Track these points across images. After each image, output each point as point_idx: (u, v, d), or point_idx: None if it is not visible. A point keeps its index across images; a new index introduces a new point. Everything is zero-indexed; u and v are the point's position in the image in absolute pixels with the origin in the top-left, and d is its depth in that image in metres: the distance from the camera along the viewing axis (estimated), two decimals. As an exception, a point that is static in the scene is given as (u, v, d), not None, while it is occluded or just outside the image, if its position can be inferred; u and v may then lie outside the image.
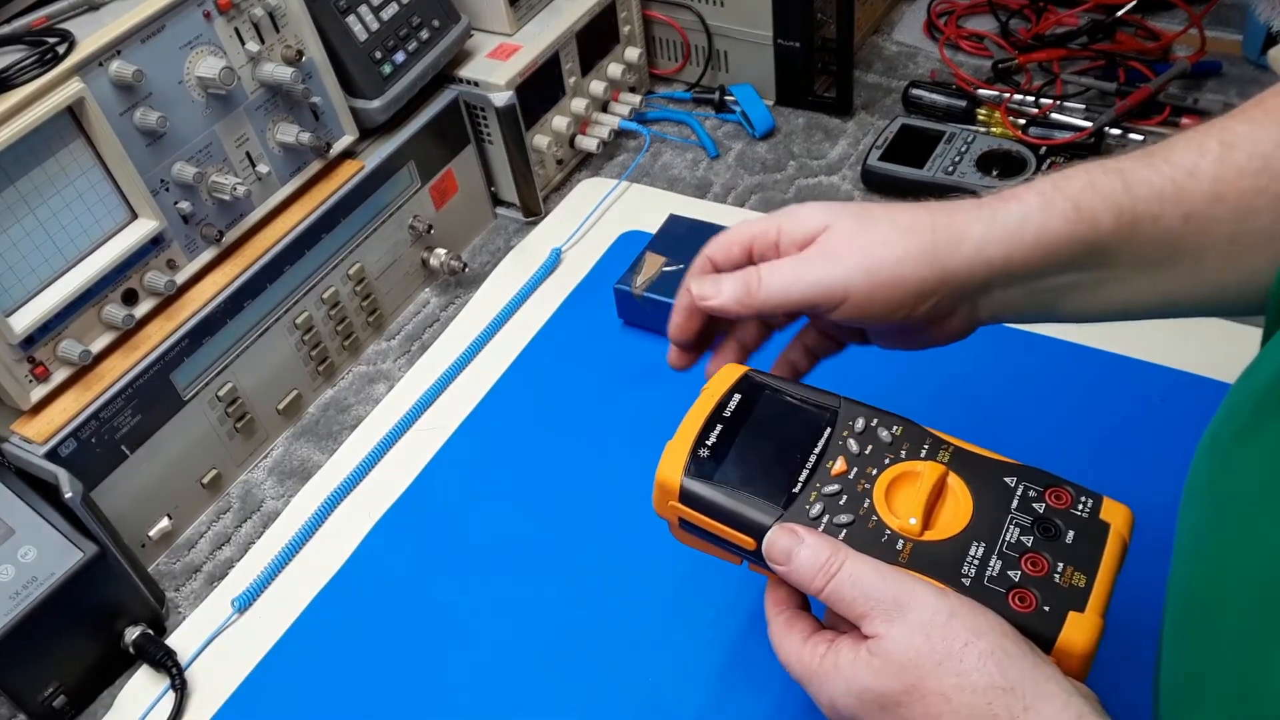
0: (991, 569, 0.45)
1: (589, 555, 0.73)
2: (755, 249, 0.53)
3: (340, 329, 0.92)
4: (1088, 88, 1.05)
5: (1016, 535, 0.46)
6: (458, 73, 0.97)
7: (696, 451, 0.48)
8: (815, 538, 0.45)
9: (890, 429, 0.49)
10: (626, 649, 0.68)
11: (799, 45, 1.06)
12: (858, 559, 0.44)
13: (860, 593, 0.43)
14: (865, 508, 0.46)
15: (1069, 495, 0.47)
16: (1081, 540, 0.46)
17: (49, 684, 0.70)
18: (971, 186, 0.95)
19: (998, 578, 0.44)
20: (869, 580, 0.43)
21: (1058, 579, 0.44)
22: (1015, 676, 0.40)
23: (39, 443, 0.72)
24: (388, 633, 0.72)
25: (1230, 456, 0.39)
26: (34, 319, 0.71)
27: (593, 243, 0.98)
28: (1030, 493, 0.47)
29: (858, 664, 0.42)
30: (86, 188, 0.73)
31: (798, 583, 0.45)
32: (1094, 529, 0.46)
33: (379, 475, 0.82)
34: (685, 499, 0.48)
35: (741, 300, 0.50)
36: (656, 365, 0.86)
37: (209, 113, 0.79)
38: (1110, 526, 0.46)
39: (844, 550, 0.44)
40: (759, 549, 0.46)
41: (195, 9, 0.76)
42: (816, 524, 0.46)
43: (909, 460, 0.48)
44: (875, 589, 0.43)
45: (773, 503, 0.47)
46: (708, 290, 0.52)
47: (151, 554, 0.81)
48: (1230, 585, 0.36)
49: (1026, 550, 0.45)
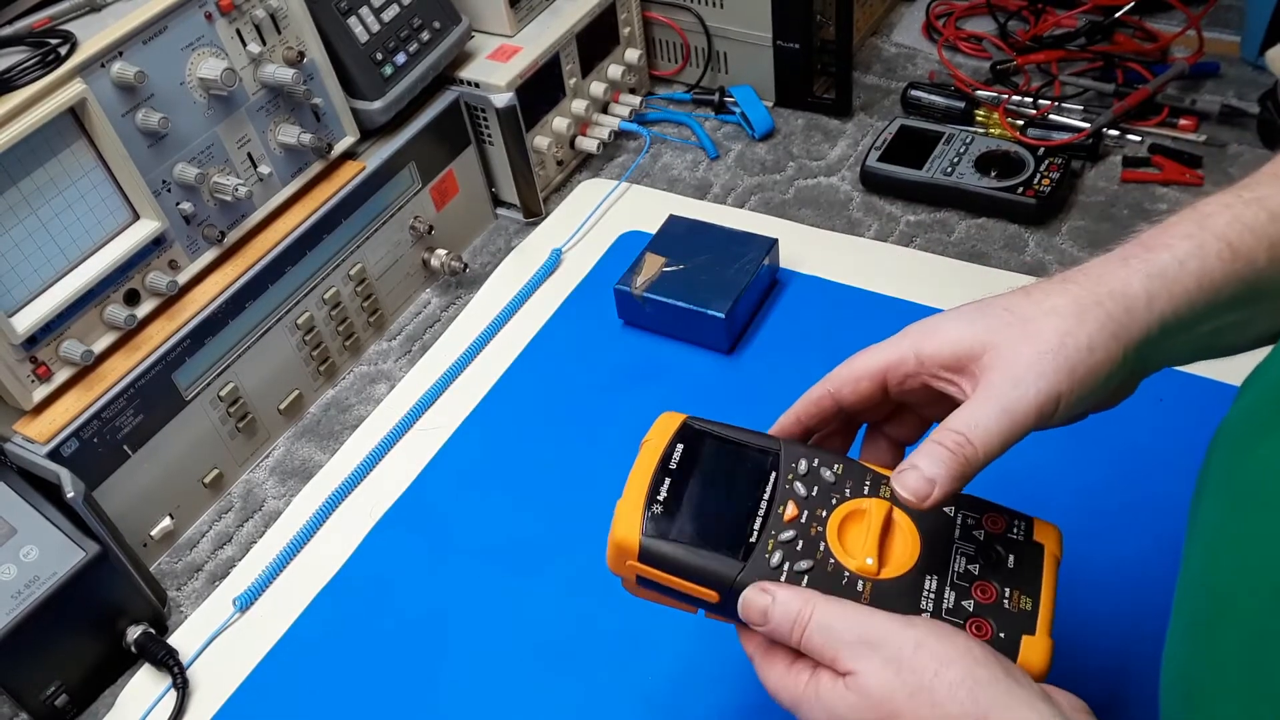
0: (947, 601, 0.46)
1: (589, 555, 0.73)
2: (890, 380, 0.48)
3: (341, 329, 0.92)
4: (1086, 89, 1.05)
5: (964, 564, 0.47)
6: (458, 74, 0.97)
7: (650, 508, 0.48)
8: (785, 592, 0.45)
9: (831, 468, 0.49)
10: (627, 648, 0.68)
11: (798, 47, 1.06)
12: (825, 605, 0.44)
13: (830, 637, 0.43)
14: (822, 551, 0.47)
15: (1003, 520, 0.48)
16: (1021, 564, 0.47)
17: (51, 683, 0.70)
18: (970, 187, 0.95)
19: (954, 609, 0.45)
20: (837, 625, 0.44)
21: (1007, 604, 0.46)
22: (988, 703, 0.40)
23: (41, 442, 0.73)
24: (389, 631, 0.72)
25: (1249, 454, 0.39)
26: (36, 319, 0.71)
27: (593, 243, 0.98)
28: (969, 520, 0.48)
29: (836, 694, 0.43)
30: (88, 188, 0.73)
31: (777, 639, 0.45)
32: (1030, 551, 0.48)
33: (380, 475, 0.82)
34: (645, 558, 0.48)
35: (962, 475, 0.44)
36: (656, 365, 0.87)
37: (211, 114, 0.79)
38: (1044, 547, 0.48)
39: (813, 599, 0.45)
40: (721, 601, 0.47)
41: (197, 10, 0.77)
42: (778, 573, 0.46)
43: (854, 499, 0.48)
44: (843, 632, 0.43)
45: (732, 555, 0.47)
46: (916, 485, 0.44)
47: (153, 553, 0.82)
48: (1251, 581, 0.36)
49: (975, 578, 0.46)
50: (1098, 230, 0.92)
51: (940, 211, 0.97)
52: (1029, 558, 0.47)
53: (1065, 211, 0.95)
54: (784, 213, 1.00)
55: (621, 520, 0.48)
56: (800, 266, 0.92)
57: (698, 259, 0.88)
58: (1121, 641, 0.61)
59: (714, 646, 0.67)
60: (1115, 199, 0.95)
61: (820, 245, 0.94)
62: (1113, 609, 0.63)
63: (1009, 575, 0.47)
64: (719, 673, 0.66)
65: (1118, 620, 0.62)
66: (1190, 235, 0.44)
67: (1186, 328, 0.45)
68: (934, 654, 0.42)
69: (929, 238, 0.95)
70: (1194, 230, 0.44)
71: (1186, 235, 0.44)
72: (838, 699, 0.43)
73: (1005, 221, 0.95)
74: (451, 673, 0.69)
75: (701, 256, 0.88)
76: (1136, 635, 0.60)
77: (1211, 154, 0.97)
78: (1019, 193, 0.94)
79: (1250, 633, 0.36)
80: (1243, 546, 0.38)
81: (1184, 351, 0.46)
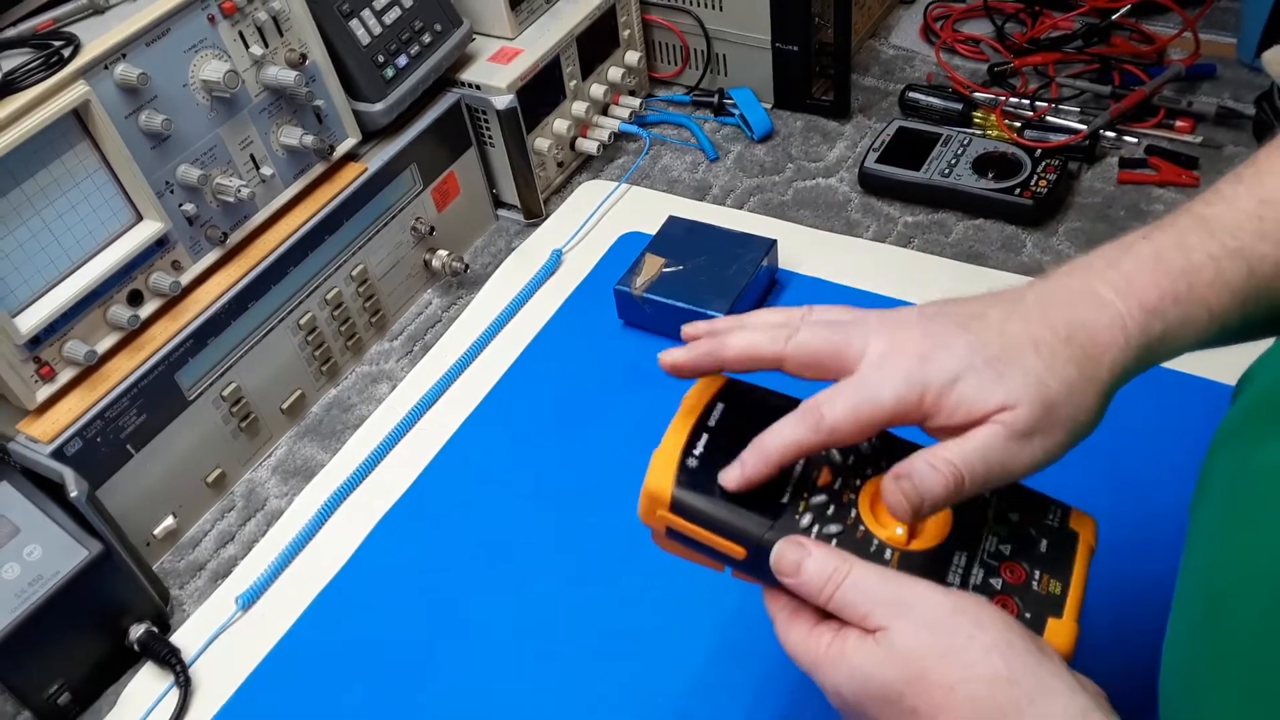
0: (975, 577, 0.46)
1: (590, 554, 0.74)
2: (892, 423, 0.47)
3: (343, 329, 0.93)
4: (1083, 91, 1.06)
5: (995, 544, 0.47)
6: (459, 76, 0.98)
7: (685, 461, 0.49)
8: (821, 549, 0.45)
9: (869, 440, 0.50)
10: (627, 647, 0.69)
11: (797, 49, 1.07)
12: (862, 565, 0.44)
13: (864, 596, 0.43)
14: (853, 518, 0.47)
15: (1040, 506, 0.49)
16: (1054, 549, 0.47)
17: (54, 681, 0.71)
18: (967, 189, 0.95)
19: (981, 585, 0.46)
20: (873, 584, 0.44)
21: (1035, 586, 0.46)
22: (1020, 669, 0.40)
23: (45, 442, 0.73)
24: (390, 630, 0.72)
25: (1251, 456, 0.39)
26: (40, 319, 0.71)
27: (593, 244, 0.99)
28: (1004, 503, 0.49)
29: (863, 651, 0.43)
30: (92, 190, 0.74)
31: (805, 594, 0.45)
32: (1065, 538, 0.48)
33: (381, 474, 0.82)
34: (676, 508, 0.48)
35: (959, 488, 0.43)
36: (656, 365, 0.87)
37: (213, 115, 0.80)
38: (1079, 535, 0.48)
39: (850, 559, 0.45)
40: (748, 557, 0.47)
41: (200, 12, 0.77)
42: (807, 534, 0.47)
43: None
44: (880, 591, 0.43)
45: (762, 514, 0.47)
46: (913, 494, 0.43)
47: (156, 552, 0.82)
48: (1253, 584, 0.37)
49: (1005, 558, 0.46)
50: (1094, 231, 0.93)
51: (938, 213, 0.98)
52: (1062, 544, 0.47)
53: (1062, 213, 0.95)
54: (783, 214, 1.00)
55: (656, 470, 0.49)
56: (799, 267, 0.92)
57: (697, 260, 0.88)
58: (1119, 642, 0.62)
59: (714, 645, 0.68)
60: (1112, 200, 0.96)
61: (819, 246, 0.95)
62: (1111, 609, 0.63)
63: (1040, 559, 0.47)
64: (721, 672, 0.66)
65: (1116, 620, 0.62)
66: (1179, 299, 0.44)
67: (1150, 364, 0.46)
68: (970, 619, 0.42)
69: (927, 239, 0.96)
70: (1183, 291, 0.44)
71: (1176, 299, 0.44)
72: (864, 655, 0.42)
73: (1002, 222, 0.95)
74: (452, 672, 0.70)
75: (701, 257, 0.88)
76: (1135, 635, 0.60)
77: (1208, 155, 0.97)
78: (1016, 194, 0.94)
79: (1252, 635, 0.36)
80: (1245, 549, 0.38)
81: (1145, 363, 0.47)
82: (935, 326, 0.46)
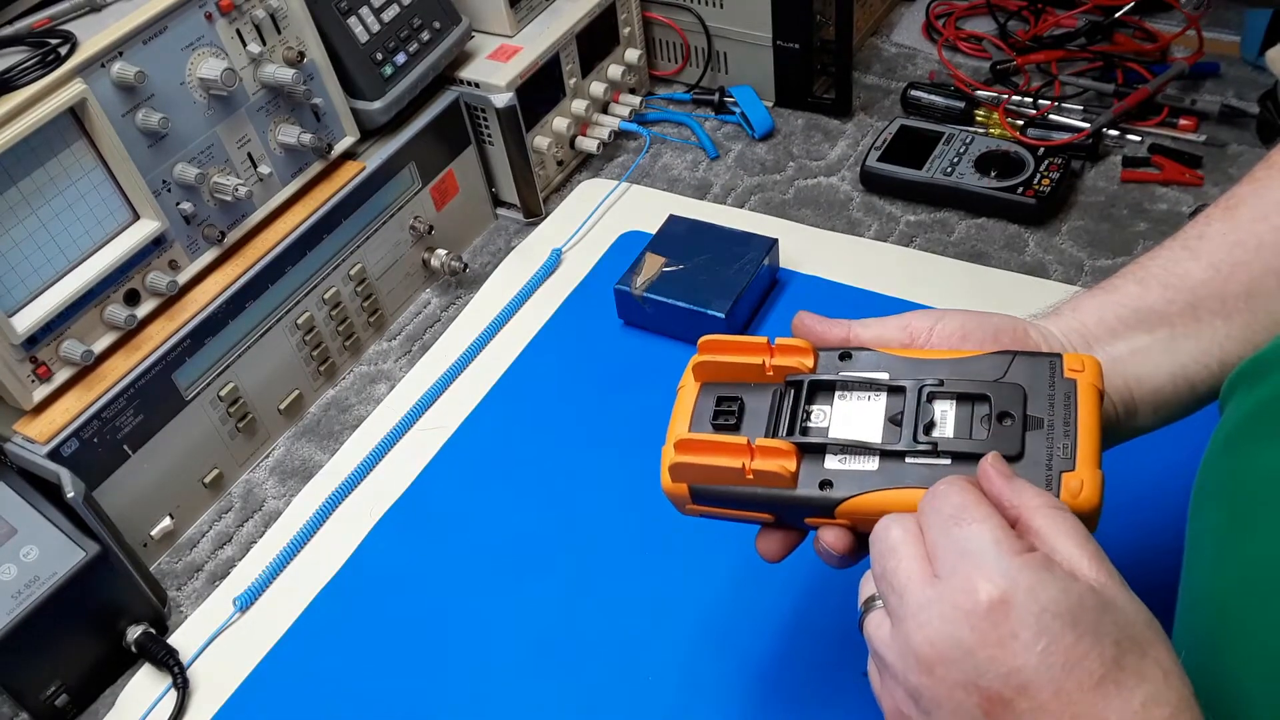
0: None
1: (589, 554, 0.74)
2: None
3: (341, 329, 0.92)
4: (1086, 89, 1.05)
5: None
6: (458, 74, 0.97)
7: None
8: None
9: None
10: (627, 647, 0.68)
11: (798, 47, 1.06)
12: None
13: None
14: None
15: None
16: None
17: (51, 683, 0.70)
18: (970, 187, 0.95)
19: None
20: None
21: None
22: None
23: (41, 442, 0.73)
24: (388, 631, 0.72)
25: (1253, 458, 0.39)
26: (36, 319, 0.71)
27: (593, 243, 0.98)
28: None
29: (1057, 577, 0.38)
30: (89, 188, 0.73)
31: (1017, 494, 0.42)
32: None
33: (380, 475, 0.82)
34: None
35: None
36: (656, 365, 0.87)
37: (211, 114, 0.79)
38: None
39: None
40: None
41: (197, 10, 0.77)
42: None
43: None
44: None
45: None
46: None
47: (153, 553, 0.82)
48: (1262, 601, 0.36)
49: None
50: (1097, 230, 0.92)
51: (940, 211, 0.97)
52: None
53: (1065, 211, 0.95)
54: (784, 213, 1.00)
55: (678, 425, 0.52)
56: (800, 266, 0.92)
57: (698, 259, 0.88)
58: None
59: (715, 645, 0.67)
60: (1115, 199, 0.95)
61: (820, 245, 0.95)
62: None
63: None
64: (721, 675, 0.66)
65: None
66: (1174, 376, 0.49)
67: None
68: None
69: (929, 238, 0.95)
70: (1176, 370, 0.49)
71: (1170, 375, 0.49)
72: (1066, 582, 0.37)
73: (1005, 221, 0.95)
74: (451, 673, 0.69)
75: (701, 256, 0.88)
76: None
77: (1211, 154, 0.97)
78: (1019, 193, 0.94)
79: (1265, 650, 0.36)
80: (1251, 563, 0.37)
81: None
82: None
